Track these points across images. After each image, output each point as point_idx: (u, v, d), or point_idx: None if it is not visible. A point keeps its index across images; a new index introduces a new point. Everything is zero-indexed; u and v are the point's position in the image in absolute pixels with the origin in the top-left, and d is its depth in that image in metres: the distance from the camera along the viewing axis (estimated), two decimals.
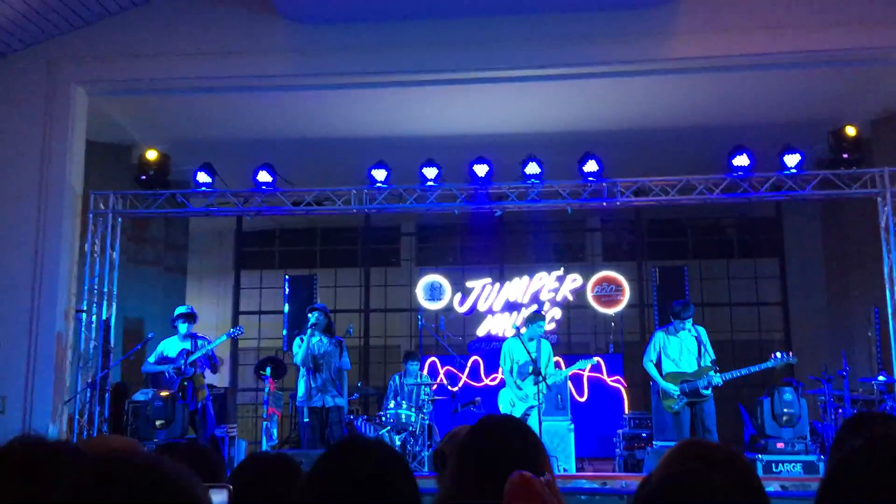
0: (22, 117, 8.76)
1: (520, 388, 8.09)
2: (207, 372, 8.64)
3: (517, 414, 7.70)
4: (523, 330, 8.41)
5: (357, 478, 1.65)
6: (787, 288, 12.77)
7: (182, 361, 8.28)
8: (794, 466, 7.58)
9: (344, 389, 8.31)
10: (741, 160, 8.75)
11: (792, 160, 8.74)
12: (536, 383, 7.79)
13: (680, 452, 1.74)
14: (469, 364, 10.81)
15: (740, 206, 10.47)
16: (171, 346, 8.44)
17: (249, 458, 2.31)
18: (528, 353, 7.91)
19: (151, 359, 8.49)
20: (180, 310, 8.75)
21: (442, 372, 10.83)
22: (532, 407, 7.95)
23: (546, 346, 8.31)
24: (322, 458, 1.74)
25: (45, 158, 8.68)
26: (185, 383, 8.16)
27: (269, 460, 2.24)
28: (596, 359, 9.34)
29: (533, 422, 7.69)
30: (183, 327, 8.49)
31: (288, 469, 2.18)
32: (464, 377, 10.77)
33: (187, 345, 8.34)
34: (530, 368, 7.95)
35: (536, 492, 1.78)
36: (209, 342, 8.45)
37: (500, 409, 8.10)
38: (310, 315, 8.25)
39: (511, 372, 8.19)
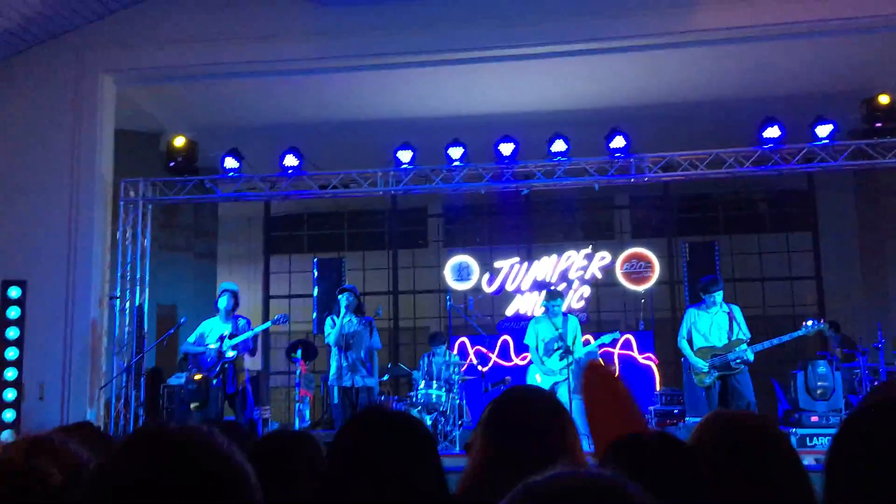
0: (51, 107, 8.88)
1: (544, 364, 8.10)
2: (246, 355, 8.57)
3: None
4: (542, 310, 8.40)
5: (379, 445, 1.66)
6: (821, 261, 12.58)
7: (220, 344, 8.16)
8: (828, 440, 7.49)
9: (374, 370, 8.35)
10: (772, 132, 8.60)
11: (824, 130, 8.57)
12: (562, 358, 7.82)
13: (710, 423, 1.73)
14: (499, 344, 10.81)
15: (771, 179, 10.29)
16: (211, 328, 8.29)
17: (274, 432, 2.37)
18: (556, 327, 7.92)
19: (191, 339, 8.32)
20: (227, 285, 8.55)
21: (472, 352, 10.85)
22: (557, 382, 7.95)
23: (573, 322, 8.28)
24: (345, 426, 1.76)
25: (75, 147, 8.81)
26: (227, 366, 8.16)
27: (291, 434, 2.29)
28: (627, 336, 9.25)
29: (562, 398, 7.68)
30: (223, 301, 8.29)
31: (310, 442, 2.22)
32: (493, 357, 10.78)
33: (228, 327, 8.28)
34: (556, 345, 7.95)
35: (607, 373, 1.85)
36: (250, 324, 8.37)
37: None
38: (340, 297, 8.28)
39: (537, 349, 8.19)
